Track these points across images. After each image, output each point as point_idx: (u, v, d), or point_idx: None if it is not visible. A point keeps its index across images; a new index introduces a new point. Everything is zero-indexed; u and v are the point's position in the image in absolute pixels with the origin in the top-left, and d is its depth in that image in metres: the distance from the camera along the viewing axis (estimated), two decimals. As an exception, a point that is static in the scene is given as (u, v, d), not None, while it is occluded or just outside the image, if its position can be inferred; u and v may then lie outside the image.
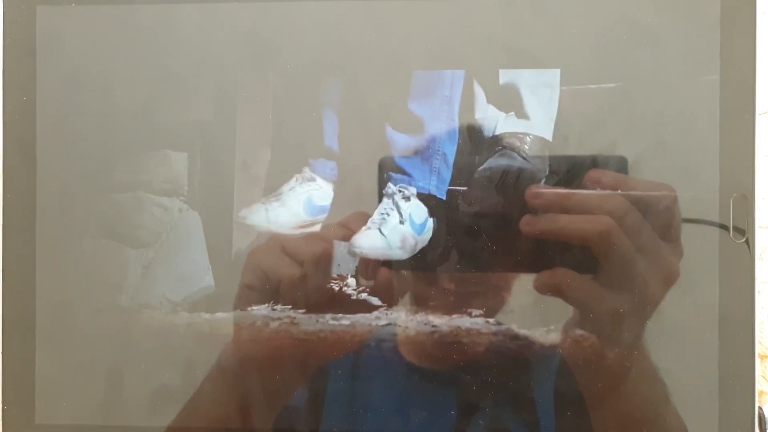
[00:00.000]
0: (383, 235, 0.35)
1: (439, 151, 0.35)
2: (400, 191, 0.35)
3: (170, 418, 0.36)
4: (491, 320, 0.35)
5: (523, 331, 0.35)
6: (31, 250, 0.37)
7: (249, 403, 0.36)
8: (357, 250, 0.35)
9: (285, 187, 0.36)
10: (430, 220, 0.35)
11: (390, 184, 0.35)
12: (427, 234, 0.35)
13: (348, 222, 0.35)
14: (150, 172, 0.37)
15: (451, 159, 0.35)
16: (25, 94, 0.37)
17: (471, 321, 0.35)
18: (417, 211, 0.35)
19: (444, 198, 0.35)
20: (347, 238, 0.35)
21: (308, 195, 0.35)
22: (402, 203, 0.35)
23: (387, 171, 0.35)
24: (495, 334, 0.35)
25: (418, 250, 0.35)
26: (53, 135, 0.37)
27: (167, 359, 0.36)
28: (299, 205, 0.36)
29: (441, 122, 0.35)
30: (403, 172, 0.35)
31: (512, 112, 0.35)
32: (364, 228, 0.35)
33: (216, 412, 0.36)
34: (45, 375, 0.37)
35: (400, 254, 0.35)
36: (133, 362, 0.37)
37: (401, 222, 0.35)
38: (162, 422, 0.36)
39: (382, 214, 0.35)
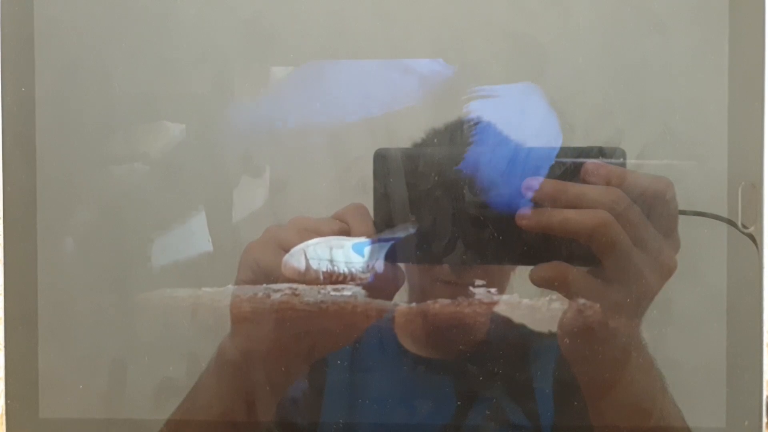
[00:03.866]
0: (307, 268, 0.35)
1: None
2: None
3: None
4: (493, 289, 0.35)
5: (525, 301, 0.35)
6: (32, 246, 0.36)
7: (250, 395, 0.36)
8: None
9: None
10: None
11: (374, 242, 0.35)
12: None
13: (344, 215, 0.35)
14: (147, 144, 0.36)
15: None
16: (24, 84, 0.36)
17: (473, 289, 0.35)
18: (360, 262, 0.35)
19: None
20: (343, 231, 0.35)
21: None
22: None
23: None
24: (497, 303, 0.35)
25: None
26: (53, 125, 0.36)
27: (169, 339, 0.36)
28: None
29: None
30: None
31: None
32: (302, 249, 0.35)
33: (216, 404, 0.36)
34: (48, 369, 0.37)
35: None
36: (136, 349, 0.36)
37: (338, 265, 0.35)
38: (166, 415, 0.36)
39: (333, 248, 0.34)
